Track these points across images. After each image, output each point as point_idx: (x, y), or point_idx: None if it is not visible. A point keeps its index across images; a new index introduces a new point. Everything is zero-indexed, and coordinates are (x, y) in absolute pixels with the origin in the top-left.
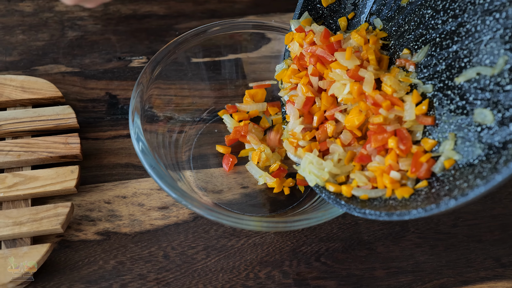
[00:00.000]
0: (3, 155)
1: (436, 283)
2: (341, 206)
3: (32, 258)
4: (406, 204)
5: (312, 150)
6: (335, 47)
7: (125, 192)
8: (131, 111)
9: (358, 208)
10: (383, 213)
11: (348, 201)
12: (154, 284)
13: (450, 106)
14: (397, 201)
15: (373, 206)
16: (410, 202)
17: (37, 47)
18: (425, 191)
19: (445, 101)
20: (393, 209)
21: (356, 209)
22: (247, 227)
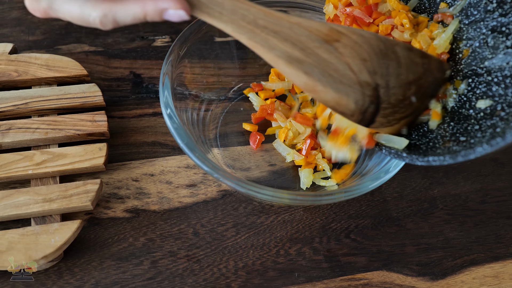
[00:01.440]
0: (30, 133)
1: (466, 259)
2: (403, 158)
3: (63, 235)
4: (467, 142)
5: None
6: (373, 9)
7: (152, 170)
8: (161, 88)
9: (421, 157)
10: (447, 157)
11: (410, 153)
12: (185, 260)
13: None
14: (460, 144)
15: (436, 153)
16: (471, 139)
17: (59, 27)
18: (486, 125)
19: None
20: (456, 152)
21: (418, 158)
22: (281, 201)
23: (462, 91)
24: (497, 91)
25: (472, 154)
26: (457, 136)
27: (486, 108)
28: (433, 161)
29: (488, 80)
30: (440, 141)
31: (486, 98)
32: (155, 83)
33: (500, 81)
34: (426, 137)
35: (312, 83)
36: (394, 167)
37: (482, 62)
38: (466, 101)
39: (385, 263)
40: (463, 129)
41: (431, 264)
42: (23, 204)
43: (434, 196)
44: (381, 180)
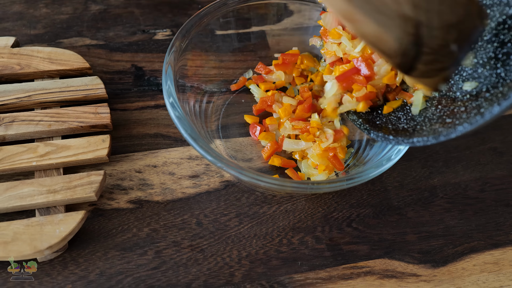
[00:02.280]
0: (33, 125)
1: (467, 246)
2: (390, 141)
3: (67, 225)
4: (453, 123)
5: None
6: None
7: (155, 162)
8: (164, 77)
9: (406, 139)
10: (430, 137)
11: (396, 135)
12: (189, 250)
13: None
14: (445, 126)
15: (420, 134)
16: (456, 120)
17: (61, 20)
18: (471, 106)
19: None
20: (438, 133)
21: (404, 140)
22: (283, 189)
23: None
24: (482, 73)
25: (453, 133)
26: (444, 118)
27: (472, 90)
28: (417, 142)
29: (474, 62)
30: (427, 124)
31: (472, 80)
32: (156, 76)
33: (485, 63)
34: (414, 120)
35: (351, 9)
36: (395, 155)
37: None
38: (453, 84)
39: (386, 251)
40: (450, 111)
41: (432, 252)
42: (27, 195)
43: (434, 185)
44: (383, 168)
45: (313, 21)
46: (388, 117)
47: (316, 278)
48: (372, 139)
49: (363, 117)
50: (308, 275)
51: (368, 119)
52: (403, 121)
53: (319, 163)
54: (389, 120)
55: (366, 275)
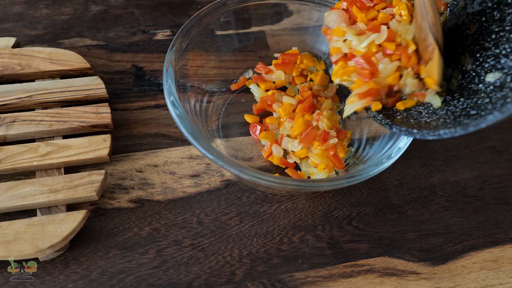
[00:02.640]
0: (34, 125)
1: (466, 244)
2: (414, 134)
3: (69, 224)
4: (478, 115)
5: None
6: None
7: (156, 161)
8: (165, 76)
9: (432, 131)
10: (458, 128)
11: (420, 129)
12: (190, 249)
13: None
14: (471, 117)
15: (445, 127)
16: (481, 112)
17: (61, 21)
18: (496, 97)
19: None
20: (466, 124)
21: (429, 133)
22: (284, 187)
23: (470, 66)
24: (505, 63)
25: (484, 123)
26: (468, 110)
27: (496, 81)
28: (444, 134)
29: (496, 53)
30: (450, 117)
31: (495, 71)
32: (157, 76)
33: (509, 53)
34: (436, 114)
35: None
36: (396, 153)
37: (489, 36)
38: (475, 76)
39: (387, 249)
40: (473, 103)
41: (432, 250)
42: (29, 195)
43: (434, 183)
44: (383, 166)
45: (312, 21)
46: (409, 112)
47: (317, 276)
48: (373, 137)
49: (384, 113)
50: (309, 273)
51: (389, 114)
52: (424, 115)
53: (319, 162)
54: (410, 114)
55: (366, 273)
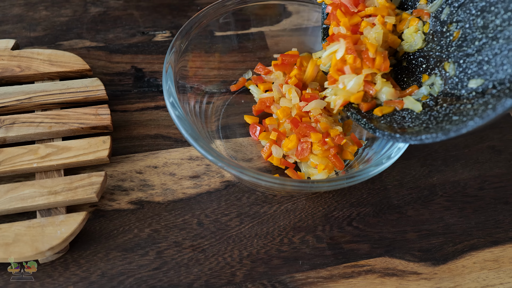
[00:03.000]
0: (34, 127)
1: (466, 244)
2: (397, 139)
3: (69, 226)
4: (460, 120)
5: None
6: (360, 1)
7: (156, 162)
8: (165, 77)
9: (414, 136)
10: (439, 134)
11: (403, 133)
12: (190, 250)
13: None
14: (453, 123)
15: (429, 132)
16: (463, 117)
17: (61, 23)
18: (478, 103)
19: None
20: (447, 130)
21: (411, 138)
22: (284, 187)
23: (453, 73)
24: (488, 70)
25: (464, 129)
26: (450, 116)
27: (478, 87)
28: (426, 139)
29: (479, 60)
30: (433, 122)
31: (477, 78)
32: (156, 77)
33: (491, 59)
34: (419, 119)
35: None
36: (396, 153)
37: (473, 43)
38: (458, 82)
39: (387, 250)
40: (456, 109)
41: (432, 250)
42: (28, 196)
43: (434, 183)
44: (383, 166)
45: (311, 22)
46: (393, 117)
47: (317, 277)
48: (373, 137)
49: (367, 116)
50: (309, 274)
51: (372, 118)
52: (408, 120)
53: (319, 163)
54: (394, 119)
55: (367, 273)
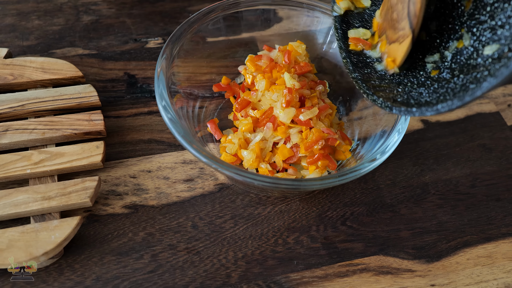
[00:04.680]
0: (27, 133)
1: (460, 241)
2: (413, 113)
3: (63, 231)
4: (468, 84)
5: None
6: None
7: (149, 167)
8: (156, 82)
9: (430, 107)
10: (455, 101)
11: (420, 107)
12: (185, 253)
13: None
14: (467, 90)
15: (443, 99)
16: (481, 82)
17: (53, 31)
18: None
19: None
20: (462, 95)
21: (428, 109)
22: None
23: (468, 42)
24: (502, 34)
25: (479, 91)
26: (467, 85)
27: (494, 53)
28: (442, 108)
29: (492, 25)
30: (450, 94)
31: (492, 44)
32: (149, 83)
33: (504, 23)
34: (437, 93)
35: None
36: (389, 148)
37: (485, 8)
38: (474, 51)
39: (381, 248)
40: (473, 78)
41: (426, 247)
42: (22, 202)
43: (426, 182)
44: (377, 162)
45: (302, 26)
46: (410, 94)
47: (312, 276)
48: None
49: (384, 96)
50: (304, 274)
51: (389, 97)
52: (425, 95)
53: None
54: (411, 96)
55: (361, 272)
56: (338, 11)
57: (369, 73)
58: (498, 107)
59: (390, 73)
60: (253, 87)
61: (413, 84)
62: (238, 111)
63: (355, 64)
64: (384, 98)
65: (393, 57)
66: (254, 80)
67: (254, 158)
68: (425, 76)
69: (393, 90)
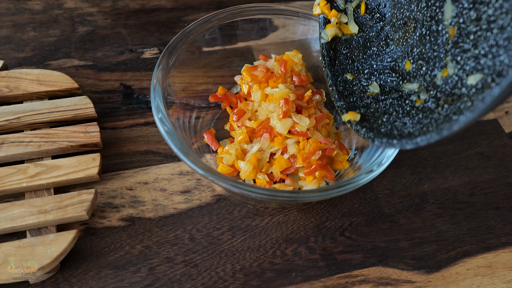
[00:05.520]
0: (23, 146)
1: (459, 250)
2: (394, 145)
3: (59, 245)
4: (451, 115)
5: None
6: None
7: (146, 178)
8: (153, 94)
9: (410, 140)
10: (433, 134)
11: (400, 139)
12: (182, 266)
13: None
14: (449, 121)
15: (426, 131)
16: (453, 110)
17: (49, 43)
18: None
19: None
20: (441, 129)
21: (408, 142)
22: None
23: (452, 71)
24: (485, 63)
25: (456, 125)
26: (450, 116)
27: (477, 83)
28: (421, 141)
29: (476, 54)
30: (433, 125)
31: (476, 73)
32: (145, 93)
33: (487, 52)
34: (421, 123)
35: None
36: (386, 159)
37: (468, 37)
38: (458, 80)
39: (380, 259)
40: (456, 108)
41: (425, 258)
42: (18, 216)
43: (425, 191)
44: (373, 174)
45: (297, 35)
46: (394, 124)
47: None
48: (362, 147)
49: (367, 126)
50: (303, 286)
51: (373, 128)
52: (409, 125)
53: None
54: (395, 126)
55: (361, 283)
56: (326, 37)
57: (354, 101)
58: (495, 114)
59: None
60: (249, 97)
61: (398, 113)
62: (235, 122)
63: (340, 92)
64: (367, 128)
65: None
66: (250, 90)
67: (251, 169)
68: (410, 105)
69: (378, 120)
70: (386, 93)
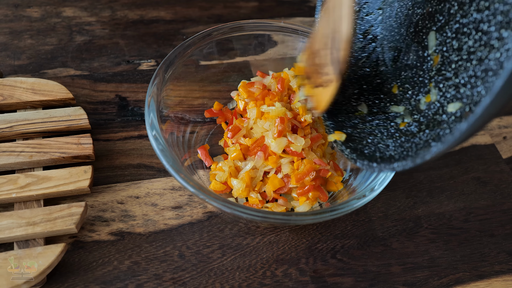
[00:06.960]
0: (14, 156)
1: (452, 278)
2: (374, 168)
3: (46, 259)
4: (430, 141)
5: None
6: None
7: (138, 192)
8: (147, 111)
9: (388, 165)
10: (408, 161)
11: (380, 163)
12: (170, 284)
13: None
14: (428, 147)
15: (405, 155)
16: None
17: (45, 51)
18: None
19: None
20: (415, 156)
21: (386, 166)
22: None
23: (434, 97)
24: (464, 93)
25: (428, 155)
26: (429, 142)
27: (457, 111)
28: (397, 167)
29: (456, 83)
30: (413, 149)
31: (455, 101)
32: (140, 106)
33: (467, 82)
34: (402, 147)
35: None
36: (379, 185)
37: (450, 66)
38: (440, 107)
39: (371, 283)
40: (436, 134)
41: (417, 284)
42: (5, 228)
43: (419, 215)
44: (367, 199)
45: (296, 51)
46: (378, 145)
47: None
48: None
49: (351, 147)
50: None
51: (356, 148)
52: (391, 148)
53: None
54: (378, 148)
55: None
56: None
57: (342, 121)
58: (493, 139)
59: (318, 116)
60: (245, 114)
61: (383, 135)
62: (230, 138)
63: (329, 111)
64: (351, 149)
65: (317, 101)
66: (246, 106)
67: (243, 187)
68: (395, 128)
69: (363, 141)
70: (373, 114)
